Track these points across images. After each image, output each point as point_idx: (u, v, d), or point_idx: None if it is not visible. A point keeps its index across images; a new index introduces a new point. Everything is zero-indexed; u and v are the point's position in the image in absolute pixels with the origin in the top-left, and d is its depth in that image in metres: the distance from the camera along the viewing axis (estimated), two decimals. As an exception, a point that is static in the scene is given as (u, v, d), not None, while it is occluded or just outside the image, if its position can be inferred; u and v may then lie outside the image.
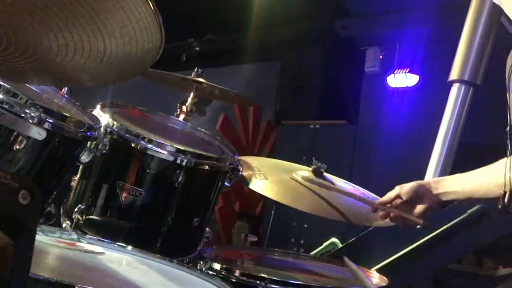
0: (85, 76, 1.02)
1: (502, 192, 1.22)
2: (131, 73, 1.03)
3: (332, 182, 1.89)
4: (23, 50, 0.91)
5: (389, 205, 1.61)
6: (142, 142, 1.56)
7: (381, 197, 1.93)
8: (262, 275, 1.50)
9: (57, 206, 1.55)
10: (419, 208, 1.56)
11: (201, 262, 1.58)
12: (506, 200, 1.18)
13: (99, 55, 0.91)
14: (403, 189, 1.58)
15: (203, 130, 1.96)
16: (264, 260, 1.89)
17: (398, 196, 1.59)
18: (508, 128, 1.18)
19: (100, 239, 1.41)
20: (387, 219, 1.64)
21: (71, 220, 1.57)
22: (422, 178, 2.86)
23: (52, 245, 1.26)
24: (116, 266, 1.27)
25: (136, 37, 0.87)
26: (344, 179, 2.03)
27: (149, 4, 0.83)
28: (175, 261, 1.38)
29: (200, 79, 2.30)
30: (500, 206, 1.16)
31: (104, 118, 1.57)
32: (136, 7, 0.83)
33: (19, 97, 1.22)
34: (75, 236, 1.36)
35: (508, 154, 1.19)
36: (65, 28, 0.85)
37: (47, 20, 0.84)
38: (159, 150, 1.56)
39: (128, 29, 0.86)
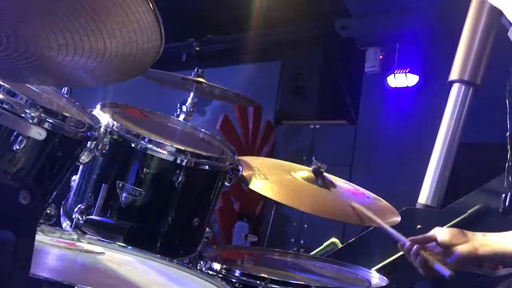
0: (85, 76, 1.02)
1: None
2: (131, 73, 1.03)
3: (332, 182, 1.89)
4: (23, 50, 0.91)
5: (418, 246, 1.47)
6: (142, 142, 1.56)
7: (381, 196, 1.94)
8: (262, 275, 1.50)
9: (57, 206, 1.55)
10: (450, 257, 1.42)
11: (201, 262, 1.58)
12: (507, 203, 1.17)
13: (99, 55, 0.91)
14: (441, 231, 1.46)
15: (203, 130, 1.96)
16: (264, 260, 1.89)
17: (432, 238, 1.47)
18: (508, 134, 1.16)
19: (100, 239, 1.41)
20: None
21: (71, 220, 1.57)
22: (422, 178, 2.87)
23: (52, 245, 1.26)
24: (116, 266, 1.27)
25: (136, 37, 0.87)
26: (344, 179, 2.03)
27: (149, 4, 0.83)
28: (175, 261, 1.37)
29: (200, 79, 2.30)
30: (501, 209, 1.15)
31: (104, 118, 1.57)
32: (136, 7, 0.83)
33: (19, 97, 1.22)
34: (75, 236, 1.36)
35: (508, 159, 1.18)
36: (65, 28, 0.85)
37: (47, 20, 0.84)
38: (159, 150, 1.56)
39: (128, 29, 0.86)
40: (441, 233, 1.43)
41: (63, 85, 1.65)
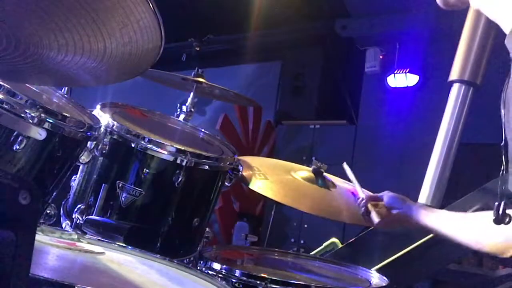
0: (85, 76, 1.02)
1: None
2: (131, 73, 1.03)
3: (332, 182, 1.90)
4: (23, 50, 0.91)
5: (367, 200, 1.75)
6: (142, 142, 1.56)
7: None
8: (262, 275, 1.50)
9: (57, 206, 1.55)
10: (388, 213, 1.71)
11: (201, 262, 1.58)
12: (500, 211, 1.19)
13: (99, 55, 0.91)
14: (387, 194, 1.74)
15: (203, 130, 1.96)
16: (264, 260, 1.89)
17: (381, 198, 1.75)
18: (502, 144, 1.18)
19: (100, 239, 1.41)
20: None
21: (71, 220, 1.57)
22: (422, 178, 2.86)
23: (52, 245, 1.26)
24: (116, 266, 1.27)
25: (136, 37, 0.87)
26: (344, 179, 2.03)
27: (149, 4, 0.83)
28: (175, 261, 1.37)
29: (200, 79, 2.30)
30: (494, 217, 1.17)
31: (104, 118, 1.57)
32: (136, 7, 0.83)
33: (19, 97, 1.22)
34: (75, 236, 1.36)
35: (502, 168, 1.19)
36: (65, 28, 0.85)
37: (47, 20, 0.84)
38: (159, 150, 1.56)
39: (128, 29, 0.86)
40: (386, 196, 1.74)
41: (63, 85, 1.65)
